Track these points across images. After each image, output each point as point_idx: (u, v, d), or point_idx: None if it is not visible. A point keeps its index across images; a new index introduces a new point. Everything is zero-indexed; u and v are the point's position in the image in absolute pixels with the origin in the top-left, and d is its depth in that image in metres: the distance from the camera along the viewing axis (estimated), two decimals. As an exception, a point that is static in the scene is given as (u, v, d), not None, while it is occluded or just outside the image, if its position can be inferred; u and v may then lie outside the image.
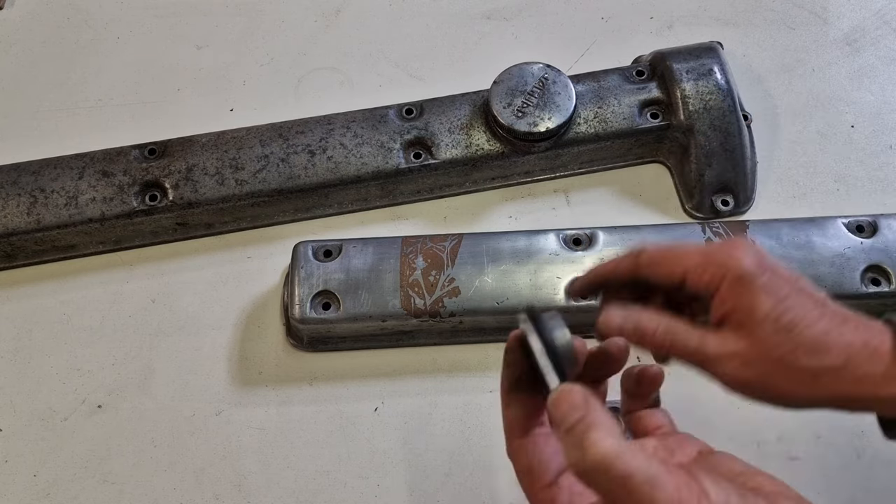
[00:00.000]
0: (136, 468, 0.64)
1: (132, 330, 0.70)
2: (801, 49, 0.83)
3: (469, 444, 0.64)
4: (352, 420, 0.65)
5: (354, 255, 0.65)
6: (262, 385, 0.67)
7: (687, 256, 0.43)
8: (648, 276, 0.44)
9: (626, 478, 0.32)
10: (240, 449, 0.65)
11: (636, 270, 0.45)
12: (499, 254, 0.65)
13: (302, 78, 0.83)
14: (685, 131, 0.72)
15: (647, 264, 0.44)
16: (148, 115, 0.81)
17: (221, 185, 0.70)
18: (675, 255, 0.43)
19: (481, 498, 0.62)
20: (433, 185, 0.74)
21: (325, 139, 0.72)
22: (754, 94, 0.80)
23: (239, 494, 0.63)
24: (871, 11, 0.85)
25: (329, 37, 0.86)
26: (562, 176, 0.76)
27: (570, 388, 0.37)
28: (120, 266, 0.73)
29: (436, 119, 0.73)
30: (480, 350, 0.67)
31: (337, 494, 0.63)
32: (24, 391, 0.67)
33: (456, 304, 0.63)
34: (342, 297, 0.64)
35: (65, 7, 0.89)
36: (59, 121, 0.81)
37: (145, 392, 0.67)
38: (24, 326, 0.70)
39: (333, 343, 0.68)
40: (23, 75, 0.84)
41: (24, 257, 0.72)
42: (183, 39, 0.86)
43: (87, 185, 0.70)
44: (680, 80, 0.71)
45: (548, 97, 0.70)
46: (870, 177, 0.75)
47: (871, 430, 0.63)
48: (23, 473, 0.64)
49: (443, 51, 0.84)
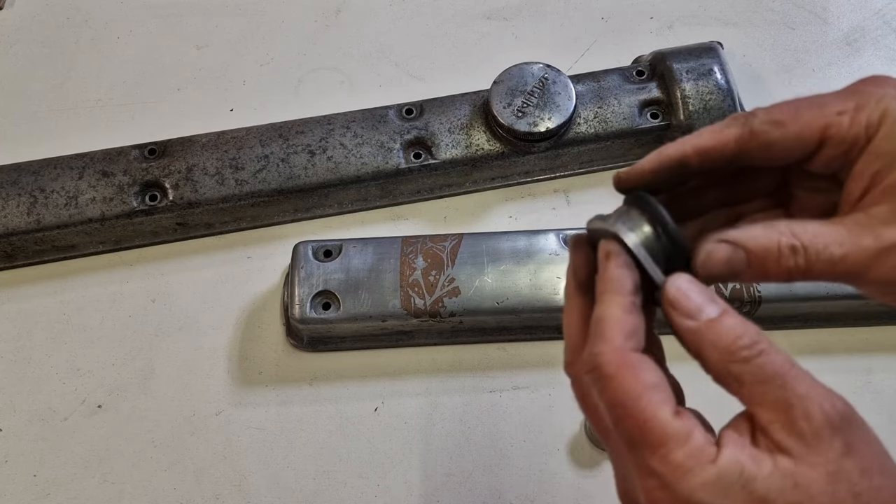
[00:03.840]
0: (136, 468, 0.64)
1: (132, 330, 0.70)
2: (801, 49, 0.83)
3: (469, 444, 0.64)
4: (352, 420, 0.65)
5: (354, 255, 0.65)
6: (262, 385, 0.67)
7: (825, 102, 0.32)
8: (764, 149, 0.32)
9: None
10: (240, 449, 0.65)
11: (747, 143, 0.32)
12: (499, 254, 0.65)
13: (302, 78, 0.83)
14: (685, 131, 0.71)
15: (766, 130, 0.32)
16: (148, 115, 0.81)
17: (221, 185, 0.70)
18: (809, 105, 0.32)
19: (481, 498, 0.62)
20: (433, 185, 0.74)
21: (325, 139, 0.72)
22: (754, 94, 0.79)
23: (239, 494, 0.63)
24: (871, 11, 0.85)
25: (329, 37, 0.86)
26: (562, 176, 0.76)
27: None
28: (120, 266, 0.73)
29: (436, 119, 0.73)
30: (480, 350, 0.67)
31: (337, 494, 0.63)
32: (24, 391, 0.67)
33: (456, 304, 0.63)
34: (342, 297, 0.64)
35: (65, 7, 0.89)
36: (59, 121, 0.81)
37: (145, 392, 0.67)
38: (24, 326, 0.70)
39: (333, 343, 0.68)
40: (23, 75, 0.84)
41: (24, 257, 0.72)
42: (183, 39, 0.86)
43: (87, 185, 0.70)
44: (680, 80, 0.71)
45: (548, 97, 0.70)
46: (870, 177, 0.75)
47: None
48: (23, 473, 0.64)
49: (443, 51, 0.84)
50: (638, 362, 0.30)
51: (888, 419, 0.64)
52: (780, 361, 0.30)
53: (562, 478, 0.63)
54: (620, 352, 0.30)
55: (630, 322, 0.31)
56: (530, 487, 0.63)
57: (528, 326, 0.67)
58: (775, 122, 0.32)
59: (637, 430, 0.30)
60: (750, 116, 0.32)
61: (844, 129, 0.31)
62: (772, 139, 0.32)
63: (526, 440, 0.64)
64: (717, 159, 0.33)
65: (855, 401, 0.30)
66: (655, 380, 0.30)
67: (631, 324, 0.31)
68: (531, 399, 0.66)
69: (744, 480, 0.28)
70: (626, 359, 0.30)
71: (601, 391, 0.31)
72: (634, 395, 0.30)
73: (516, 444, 0.64)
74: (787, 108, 0.32)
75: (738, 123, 0.33)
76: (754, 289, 0.63)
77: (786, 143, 0.32)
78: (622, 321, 0.31)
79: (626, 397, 0.30)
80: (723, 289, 0.63)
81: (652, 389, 0.30)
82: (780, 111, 0.32)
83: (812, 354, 0.66)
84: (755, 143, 0.32)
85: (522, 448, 0.64)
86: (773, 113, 0.32)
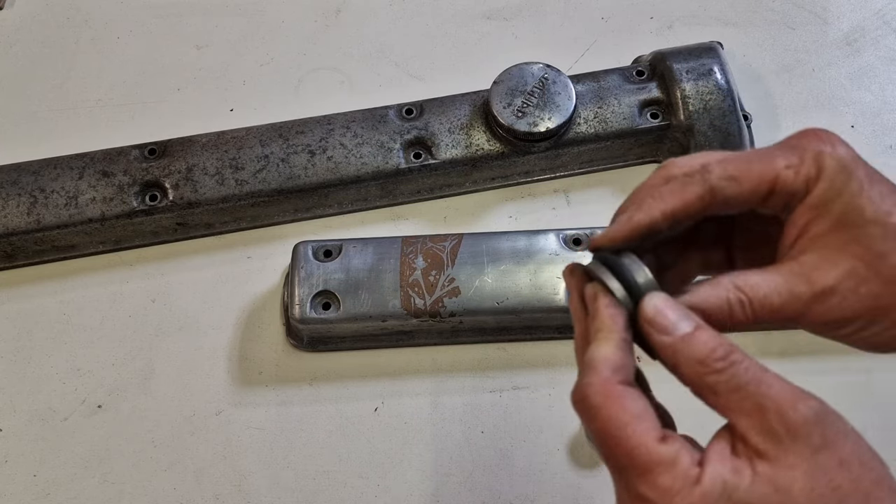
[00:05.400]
0: (136, 468, 0.64)
1: (132, 330, 0.70)
2: (801, 49, 0.83)
3: (469, 444, 0.64)
4: (352, 420, 0.65)
5: (354, 255, 0.65)
6: (262, 385, 0.67)
7: (774, 156, 0.34)
8: (723, 205, 0.34)
9: None
10: (240, 449, 0.65)
11: (708, 201, 0.34)
12: (499, 254, 0.65)
13: (302, 78, 0.83)
14: (685, 131, 0.72)
15: (723, 186, 0.34)
16: (148, 115, 0.81)
17: (221, 185, 0.70)
18: (759, 159, 0.34)
19: (481, 498, 0.62)
20: (433, 185, 0.74)
21: (325, 139, 0.72)
22: (754, 94, 0.80)
23: (239, 494, 0.63)
24: (871, 11, 0.85)
25: (329, 37, 0.86)
26: (562, 176, 0.76)
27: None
28: (120, 266, 0.73)
29: (436, 119, 0.73)
30: (480, 350, 0.67)
31: (337, 494, 0.63)
32: (24, 391, 0.67)
33: (456, 304, 0.63)
34: (342, 297, 0.64)
35: (65, 7, 0.89)
36: (59, 121, 0.81)
37: (145, 392, 0.67)
38: (24, 326, 0.70)
39: (333, 343, 0.68)
40: (23, 75, 0.84)
41: (24, 257, 0.72)
42: (183, 39, 0.86)
43: (87, 185, 0.70)
44: (680, 80, 0.71)
45: (548, 97, 0.70)
46: (870, 177, 0.75)
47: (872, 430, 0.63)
48: (23, 473, 0.64)
49: (443, 51, 0.84)
50: (624, 393, 0.32)
51: (888, 419, 0.64)
52: (752, 369, 0.31)
53: (562, 478, 0.63)
54: (607, 384, 0.32)
55: (619, 357, 0.33)
56: (530, 487, 0.63)
57: (528, 326, 0.67)
58: (731, 178, 0.34)
59: (625, 458, 0.31)
60: (705, 173, 0.34)
61: (790, 181, 0.34)
62: (729, 195, 0.34)
63: (526, 440, 0.64)
64: (683, 219, 0.35)
65: (855, 401, 0.31)
66: (641, 409, 0.32)
67: (620, 358, 0.33)
68: (531, 399, 0.66)
69: (727, 495, 0.30)
70: (612, 390, 0.32)
71: (590, 420, 0.33)
72: (621, 424, 0.31)
73: (516, 444, 0.64)
74: (741, 164, 0.34)
75: (697, 182, 0.34)
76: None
77: (742, 197, 0.34)
78: (612, 356, 0.33)
79: (613, 426, 0.32)
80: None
81: (637, 418, 0.32)
82: (734, 166, 0.34)
83: (813, 354, 0.66)
84: (715, 200, 0.34)
85: (522, 448, 0.64)
86: (727, 168, 0.34)
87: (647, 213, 0.34)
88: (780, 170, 0.34)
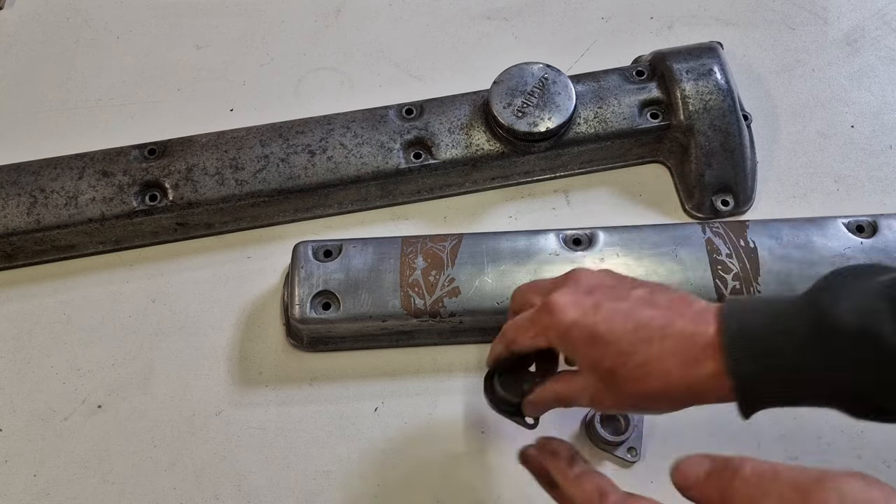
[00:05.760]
0: (136, 468, 0.64)
1: (132, 330, 0.70)
2: (801, 49, 0.83)
3: (469, 444, 0.64)
4: (352, 420, 0.65)
5: (354, 255, 0.65)
6: (262, 385, 0.67)
7: (522, 329, 0.49)
8: (520, 352, 0.51)
9: None
10: (240, 449, 0.65)
11: (510, 349, 0.51)
12: (499, 254, 0.65)
13: (302, 78, 0.83)
14: (685, 131, 0.72)
15: (511, 344, 0.51)
16: (148, 115, 0.81)
17: (221, 185, 0.70)
18: (516, 328, 0.50)
19: (481, 498, 0.62)
20: (433, 185, 0.74)
21: (325, 139, 0.72)
22: (754, 94, 0.80)
23: (239, 494, 0.63)
24: (871, 11, 0.85)
25: (329, 37, 0.86)
26: (562, 176, 0.76)
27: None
28: (120, 266, 0.73)
29: (436, 119, 0.73)
30: (480, 350, 0.67)
31: (337, 494, 0.63)
32: (24, 391, 0.67)
33: (456, 304, 0.63)
34: (342, 297, 0.64)
35: (65, 7, 0.89)
36: (59, 121, 0.81)
37: (145, 392, 0.67)
38: (24, 326, 0.70)
39: (333, 343, 0.68)
40: (23, 75, 0.84)
41: (24, 257, 0.72)
42: (183, 39, 0.86)
43: (87, 185, 0.70)
44: (680, 80, 0.71)
45: (548, 97, 0.70)
46: (870, 177, 0.75)
47: (872, 429, 0.63)
48: (23, 473, 0.64)
49: (443, 51, 0.84)
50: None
51: (888, 419, 0.64)
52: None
53: (562, 478, 0.63)
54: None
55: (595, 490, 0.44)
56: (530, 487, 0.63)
57: (528, 326, 0.67)
58: (512, 343, 0.51)
59: None
60: (503, 335, 0.53)
61: (537, 346, 0.50)
62: (519, 350, 0.51)
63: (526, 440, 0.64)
64: (507, 361, 0.54)
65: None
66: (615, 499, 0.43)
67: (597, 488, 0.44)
68: (531, 399, 0.66)
69: None
70: None
71: None
72: None
73: (516, 445, 0.64)
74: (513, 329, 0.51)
75: (503, 341, 0.52)
76: (754, 289, 0.63)
77: (529, 350, 0.51)
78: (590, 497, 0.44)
79: None
80: (724, 290, 0.63)
81: None
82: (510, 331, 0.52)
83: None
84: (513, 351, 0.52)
85: (522, 448, 0.64)
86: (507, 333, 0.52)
87: (490, 359, 0.55)
88: (526, 342, 0.50)
